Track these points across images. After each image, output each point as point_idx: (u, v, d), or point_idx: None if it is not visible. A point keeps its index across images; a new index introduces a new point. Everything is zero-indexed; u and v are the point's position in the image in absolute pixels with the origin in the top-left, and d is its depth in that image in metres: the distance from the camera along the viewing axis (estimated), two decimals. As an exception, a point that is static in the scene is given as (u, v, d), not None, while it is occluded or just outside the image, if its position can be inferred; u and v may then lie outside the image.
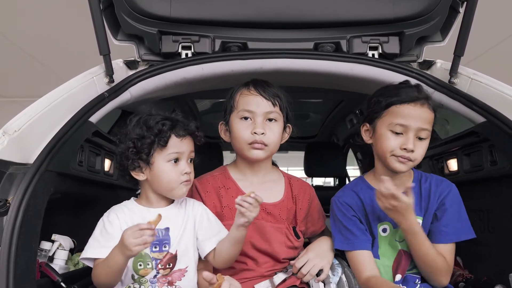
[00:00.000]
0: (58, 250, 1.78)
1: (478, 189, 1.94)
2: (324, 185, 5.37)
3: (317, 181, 5.67)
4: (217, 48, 1.89)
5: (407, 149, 1.57)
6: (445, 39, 1.94)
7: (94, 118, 1.71)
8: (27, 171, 1.40)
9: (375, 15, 1.87)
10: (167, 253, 1.55)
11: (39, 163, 1.43)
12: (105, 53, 1.70)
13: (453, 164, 2.09)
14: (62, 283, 1.63)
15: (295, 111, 1.83)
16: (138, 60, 1.91)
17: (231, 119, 1.74)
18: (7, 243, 1.29)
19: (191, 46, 1.88)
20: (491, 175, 1.81)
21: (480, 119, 1.76)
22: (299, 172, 6.89)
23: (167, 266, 1.54)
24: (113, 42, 1.89)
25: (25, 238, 1.34)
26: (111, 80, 1.76)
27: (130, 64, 1.88)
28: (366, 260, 1.66)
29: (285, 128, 1.78)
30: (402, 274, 1.67)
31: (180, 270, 1.56)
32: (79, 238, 1.83)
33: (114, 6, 1.80)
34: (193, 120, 1.65)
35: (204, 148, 1.65)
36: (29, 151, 1.51)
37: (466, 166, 1.99)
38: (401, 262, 1.68)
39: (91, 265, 1.51)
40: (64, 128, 1.55)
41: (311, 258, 1.72)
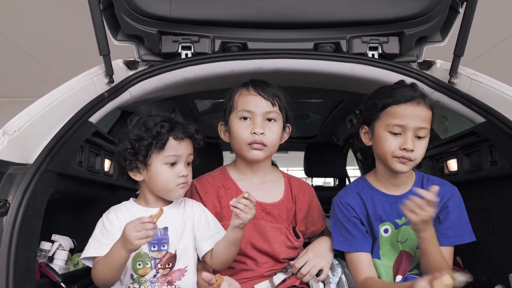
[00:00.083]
0: (58, 250, 1.78)
1: (478, 189, 1.93)
2: (324, 185, 5.37)
3: (317, 181, 5.67)
4: (217, 48, 1.89)
5: (406, 149, 1.56)
6: (445, 39, 1.94)
7: (94, 118, 1.71)
8: (27, 171, 1.40)
9: (375, 15, 1.87)
10: (166, 252, 1.55)
11: (39, 163, 1.43)
12: (105, 53, 1.70)
13: (453, 164, 2.09)
14: (62, 283, 1.63)
15: (295, 111, 1.83)
16: (138, 60, 1.91)
17: (231, 119, 1.74)
18: (7, 243, 1.29)
19: (191, 46, 1.88)
20: (491, 175, 1.81)
21: (480, 119, 1.76)
22: (299, 172, 6.89)
23: (167, 266, 1.54)
24: (113, 42, 1.89)
25: (25, 238, 1.34)
26: (111, 80, 1.76)
27: (130, 64, 1.88)
28: (364, 262, 1.66)
29: (284, 128, 1.78)
30: (403, 275, 1.67)
31: (180, 270, 1.56)
32: (79, 238, 1.83)
33: (114, 6, 1.80)
34: (193, 121, 1.65)
35: (204, 148, 1.65)
36: (29, 151, 1.51)
37: (466, 166, 1.99)
38: (402, 263, 1.68)
39: (92, 265, 1.51)
40: (64, 128, 1.55)
41: (311, 258, 1.72)
